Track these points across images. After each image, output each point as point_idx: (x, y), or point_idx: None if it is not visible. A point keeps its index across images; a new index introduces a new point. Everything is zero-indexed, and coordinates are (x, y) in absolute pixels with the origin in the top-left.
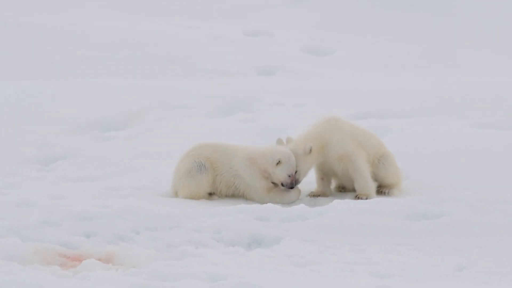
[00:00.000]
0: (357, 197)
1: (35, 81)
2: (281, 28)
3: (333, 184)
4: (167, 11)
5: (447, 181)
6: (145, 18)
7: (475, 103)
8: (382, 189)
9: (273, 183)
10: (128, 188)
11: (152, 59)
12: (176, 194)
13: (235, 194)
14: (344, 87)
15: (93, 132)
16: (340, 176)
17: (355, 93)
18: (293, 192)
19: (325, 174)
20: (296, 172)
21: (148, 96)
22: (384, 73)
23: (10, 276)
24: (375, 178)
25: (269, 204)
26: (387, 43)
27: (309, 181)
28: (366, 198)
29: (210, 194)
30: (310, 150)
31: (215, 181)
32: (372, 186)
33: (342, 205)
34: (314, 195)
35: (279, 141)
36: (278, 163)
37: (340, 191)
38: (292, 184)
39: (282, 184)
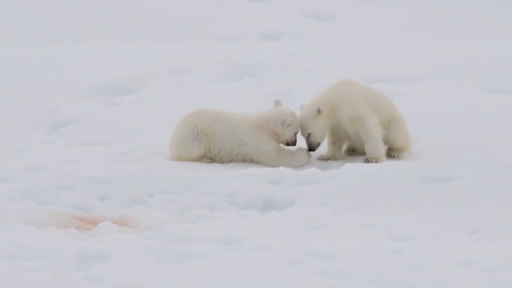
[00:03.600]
0: (367, 161)
1: (43, 46)
2: None
3: (344, 147)
4: None
5: (456, 145)
6: None
7: (482, 67)
8: (392, 153)
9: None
10: (138, 152)
11: (158, 25)
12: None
13: (242, 161)
14: (349, 52)
15: (101, 97)
16: (352, 139)
17: (361, 58)
18: (303, 155)
19: (336, 138)
20: (310, 134)
21: (155, 61)
22: (387, 38)
23: (28, 239)
24: (385, 141)
25: (282, 168)
26: (388, 8)
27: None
28: (376, 162)
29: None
30: (319, 111)
31: (213, 150)
32: (382, 149)
33: (354, 168)
34: (324, 158)
35: (277, 103)
36: (288, 124)
37: (350, 154)
38: (296, 141)
39: (287, 144)
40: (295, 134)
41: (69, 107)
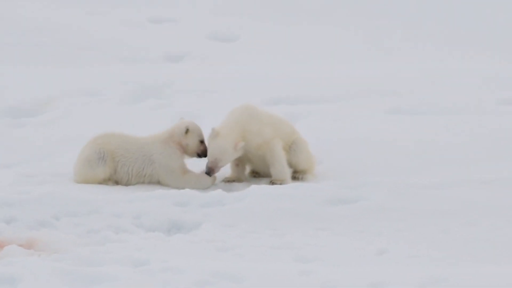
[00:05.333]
0: (272, 183)
1: None
2: (185, 14)
3: (248, 169)
4: None
5: (361, 166)
6: (50, 6)
7: (386, 88)
8: (295, 175)
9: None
10: (43, 174)
11: (61, 47)
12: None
13: (148, 183)
14: (253, 73)
15: (6, 119)
16: (256, 162)
17: (264, 79)
18: (208, 177)
19: (240, 160)
20: (218, 163)
21: (59, 83)
22: (291, 60)
23: None
24: (288, 163)
25: (187, 190)
26: (292, 30)
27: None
28: (281, 184)
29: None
30: (235, 148)
31: (120, 172)
32: (288, 172)
33: (260, 190)
34: (229, 180)
35: (181, 119)
36: (187, 131)
37: (255, 176)
38: (206, 151)
39: (198, 155)
40: (201, 142)
41: None
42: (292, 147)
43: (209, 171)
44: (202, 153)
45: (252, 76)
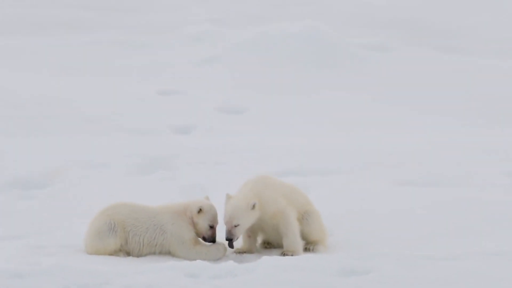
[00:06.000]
0: (284, 254)
1: None
2: (193, 87)
3: (259, 240)
4: (81, 70)
5: (370, 238)
6: (60, 78)
7: (395, 160)
8: (307, 246)
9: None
10: (54, 245)
11: (68, 118)
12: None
13: (158, 253)
14: (262, 145)
15: (15, 191)
16: (268, 232)
17: (273, 151)
18: (219, 248)
19: (252, 231)
20: (237, 226)
21: (67, 155)
22: (299, 131)
23: None
24: (300, 234)
25: (198, 261)
26: (300, 102)
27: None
28: (292, 255)
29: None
30: (254, 206)
31: (131, 242)
32: (300, 243)
33: (271, 261)
34: (240, 251)
35: (207, 198)
36: (200, 211)
37: (266, 247)
38: (213, 237)
39: (204, 238)
40: (212, 228)
41: None
42: (304, 216)
43: (228, 235)
44: (209, 238)
45: (261, 148)
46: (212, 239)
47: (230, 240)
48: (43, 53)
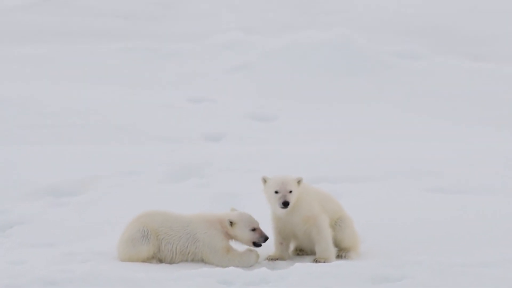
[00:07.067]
0: (316, 261)
1: None
2: (223, 94)
3: (292, 247)
4: (111, 79)
5: (402, 245)
6: (90, 87)
7: (426, 167)
8: (339, 253)
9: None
10: (87, 253)
11: (100, 127)
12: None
13: (191, 260)
14: (293, 152)
15: (48, 198)
16: (301, 238)
17: (303, 158)
18: (252, 255)
19: (284, 238)
20: (291, 192)
21: (100, 163)
22: (329, 139)
23: None
24: (333, 240)
25: (232, 268)
26: (330, 110)
27: (266, 244)
28: (324, 262)
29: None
30: (299, 183)
31: (164, 250)
32: (333, 250)
33: (304, 268)
34: (272, 258)
35: (233, 210)
36: (231, 224)
37: (298, 254)
38: (262, 236)
39: (254, 244)
40: (254, 230)
41: (15, 208)
42: (337, 223)
43: (284, 199)
44: (259, 239)
45: (292, 155)
46: (263, 239)
47: (287, 204)
48: (74, 61)
